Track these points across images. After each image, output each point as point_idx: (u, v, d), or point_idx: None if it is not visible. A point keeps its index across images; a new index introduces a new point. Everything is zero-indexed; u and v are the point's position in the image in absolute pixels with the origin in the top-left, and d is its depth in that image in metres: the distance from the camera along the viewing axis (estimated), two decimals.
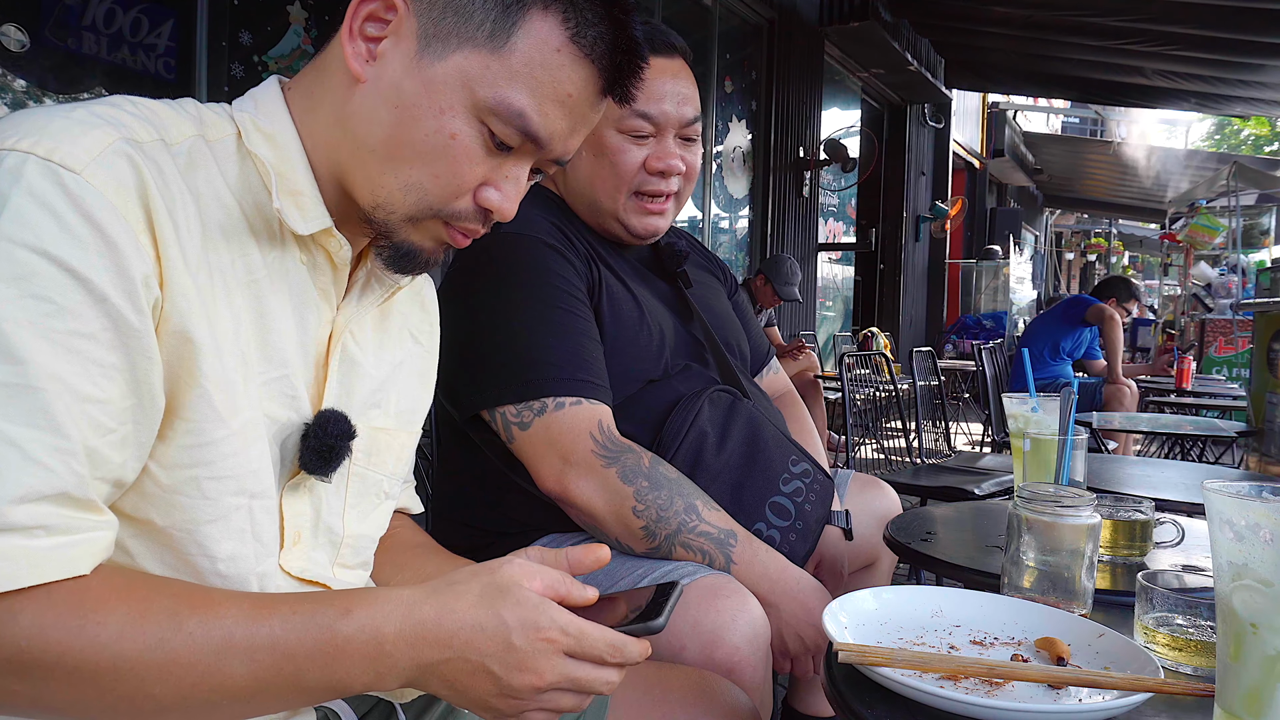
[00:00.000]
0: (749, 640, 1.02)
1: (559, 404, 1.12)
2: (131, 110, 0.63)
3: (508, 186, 0.71)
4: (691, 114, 1.29)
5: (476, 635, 0.59)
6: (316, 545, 0.74)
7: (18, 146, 0.55)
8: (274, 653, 0.57)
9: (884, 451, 3.34)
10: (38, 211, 0.54)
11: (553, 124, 0.69)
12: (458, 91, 0.67)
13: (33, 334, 0.52)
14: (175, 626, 0.55)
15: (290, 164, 0.69)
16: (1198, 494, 1.66)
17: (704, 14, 5.62)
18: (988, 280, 11.42)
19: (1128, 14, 5.93)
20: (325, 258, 0.72)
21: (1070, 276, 22.16)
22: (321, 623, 0.58)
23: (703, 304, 1.39)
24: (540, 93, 0.68)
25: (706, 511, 1.12)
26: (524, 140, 0.69)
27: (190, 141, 0.65)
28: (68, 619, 0.53)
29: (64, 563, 0.53)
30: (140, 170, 0.58)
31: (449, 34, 0.66)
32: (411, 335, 0.87)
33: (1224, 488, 0.56)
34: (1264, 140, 22.66)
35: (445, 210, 0.70)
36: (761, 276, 4.86)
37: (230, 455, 0.64)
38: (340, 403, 0.75)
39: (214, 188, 0.66)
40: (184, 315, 0.60)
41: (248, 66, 3.07)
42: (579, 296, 1.20)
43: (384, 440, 0.81)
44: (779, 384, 1.64)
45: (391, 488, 0.83)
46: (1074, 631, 0.82)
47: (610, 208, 1.29)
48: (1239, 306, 7.85)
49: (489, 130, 0.68)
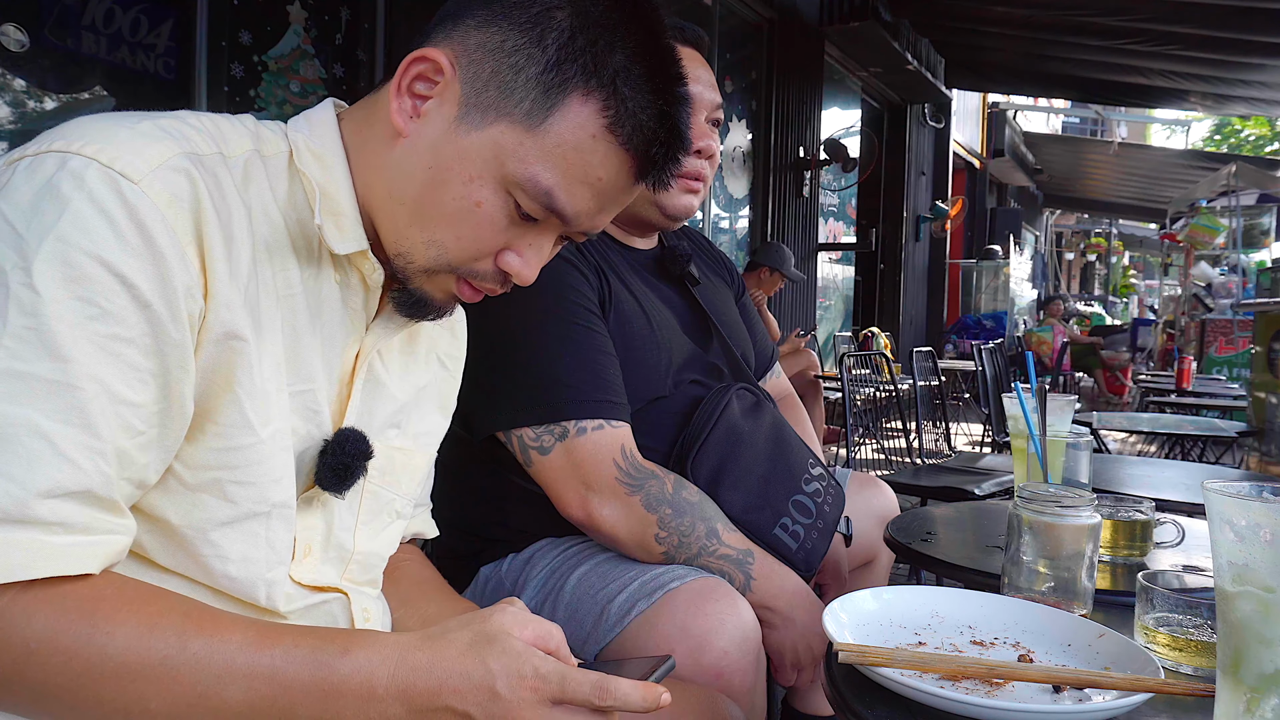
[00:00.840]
0: (738, 644, 1.02)
1: (580, 428, 1.10)
2: (195, 124, 0.65)
3: (529, 254, 0.73)
4: (717, 98, 1.30)
5: (463, 683, 0.59)
6: (326, 560, 0.76)
7: (83, 151, 0.57)
8: (272, 683, 0.57)
9: (884, 451, 3.34)
10: (96, 217, 0.56)
11: (579, 204, 0.71)
12: (489, 162, 0.68)
13: (78, 335, 0.54)
14: (181, 646, 0.56)
15: (336, 185, 0.71)
16: (1198, 494, 1.66)
17: (704, 14, 5.61)
18: (988, 280, 11.43)
19: (1128, 14, 5.93)
20: (359, 279, 0.74)
21: (1070, 276, 22.16)
22: (321, 659, 0.59)
23: (710, 309, 1.38)
24: (570, 174, 0.69)
25: (726, 534, 1.13)
26: (549, 215, 0.71)
27: (247, 156, 0.68)
28: (79, 625, 0.54)
29: (75, 560, 0.55)
30: (196, 184, 0.60)
31: (489, 106, 0.68)
32: (440, 360, 0.88)
33: (1224, 488, 0.56)
34: (1264, 140, 22.66)
35: (464, 269, 0.72)
36: (765, 269, 4.82)
37: (256, 463, 0.65)
38: (361, 422, 0.76)
39: (263, 202, 0.68)
40: (227, 324, 0.62)
41: (248, 66, 3.07)
42: (595, 311, 1.18)
43: (400, 460, 0.82)
44: (780, 388, 1.63)
45: (404, 508, 0.84)
46: (1074, 631, 0.82)
47: (645, 191, 1.27)
48: (1239, 306, 7.86)
49: (515, 202, 0.69)
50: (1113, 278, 21.67)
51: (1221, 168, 9.70)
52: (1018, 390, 1.15)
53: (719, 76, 5.74)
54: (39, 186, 0.56)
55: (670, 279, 1.37)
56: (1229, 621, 0.58)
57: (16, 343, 0.53)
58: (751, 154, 6.22)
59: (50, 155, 0.58)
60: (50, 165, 0.57)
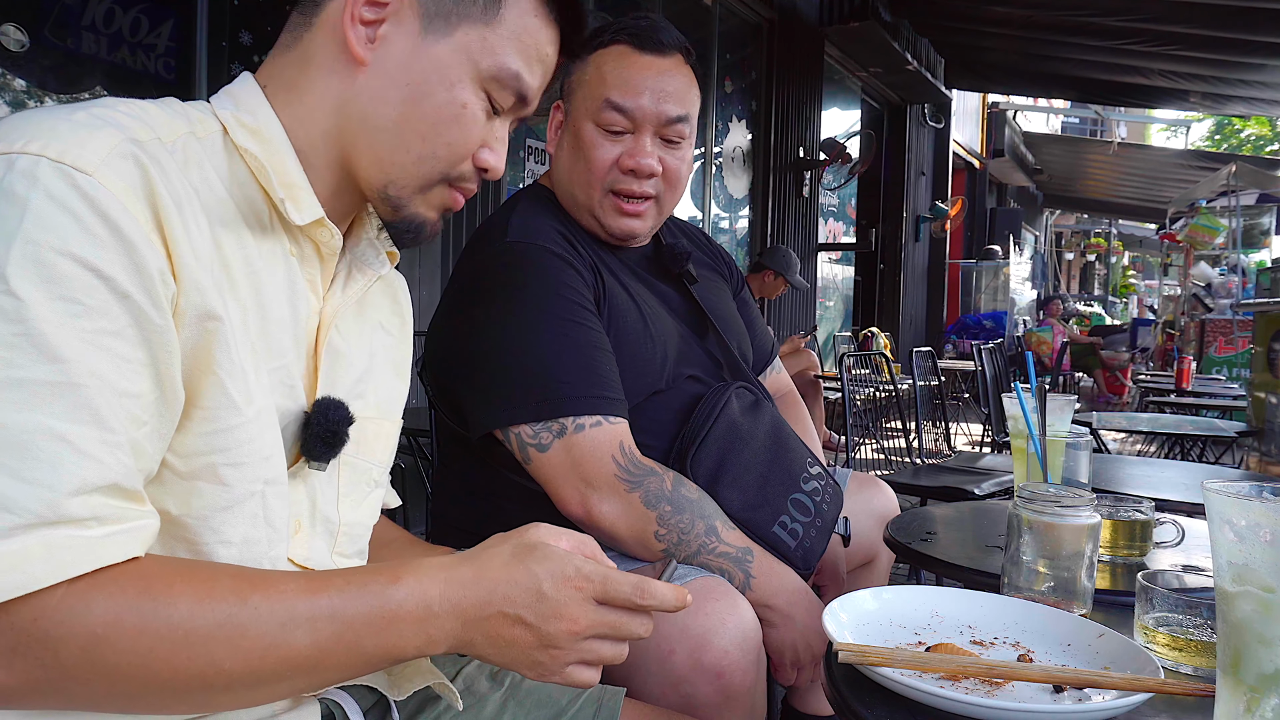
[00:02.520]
0: (738, 644, 1.02)
1: (579, 425, 1.10)
2: (125, 111, 0.64)
3: (499, 147, 0.78)
4: (674, 112, 1.21)
5: (511, 589, 0.63)
6: (315, 534, 0.76)
7: (27, 149, 0.56)
8: (334, 622, 0.60)
9: (884, 451, 3.34)
10: (58, 214, 0.55)
11: (535, 81, 0.77)
12: (464, 64, 0.73)
13: (68, 334, 0.54)
14: (241, 602, 0.58)
15: (279, 157, 0.71)
16: (1198, 494, 1.66)
17: (704, 14, 5.61)
18: (988, 280, 11.43)
19: (1128, 14, 5.93)
20: (314, 249, 0.75)
21: (1070, 276, 22.16)
22: (375, 590, 0.61)
23: (708, 306, 1.37)
24: (527, 55, 0.76)
25: (725, 532, 1.12)
26: (515, 101, 0.76)
27: (183, 139, 0.67)
28: (140, 601, 0.55)
29: (119, 547, 0.55)
30: (146, 169, 0.59)
31: (449, 13, 0.72)
32: (382, 326, 0.88)
33: (1224, 488, 0.56)
34: (1264, 140, 22.66)
35: (452, 174, 0.76)
36: (770, 272, 4.82)
37: (246, 442, 0.65)
38: (329, 392, 0.76)
39: (209, 183, 0.68)
40: (199, 306, 0.61)
41: (248, 66, 3.05)
42: (589, 307, 1.17)
43: (370, 429, 0.83)
44: (780, 383, 1.63)
45: (380, 476, 0.85)
46: (1074, 631, 0.82)
47: (586, 203, 1.25)
48: (1239, 306, 7.85)
49: (488, 95, 0.75)
50: (1112, 278, 21.68)
51: (1221, 168, 9.69)
52: (1017, 390, 1.15)
53: (719, 76, 5.74)
54: None
55: (667, 277, 1.36)
56: (1229, 621, 0.58)
57: (9, 351, 0.52)
58: (751, 154, 6.22)
59: None
60: None
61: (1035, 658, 0.79)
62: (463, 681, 0.89)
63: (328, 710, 0.75)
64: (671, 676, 1.01)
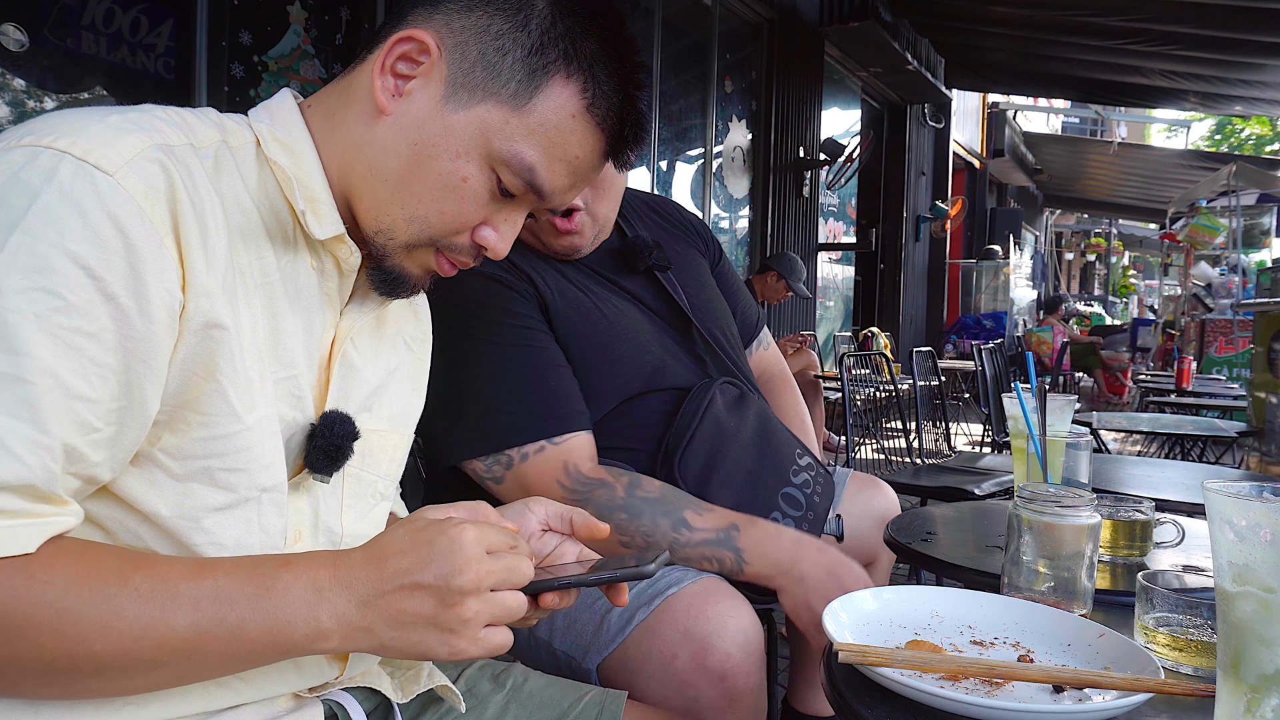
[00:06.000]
0: (741, 646, 1.01)
1: (523, 454, 1.11)
2: (163, 116, 0.65)
3: (504, 229, 0.77)
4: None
5: (403, 560, 0.62)
6: (317, 544, 0.76)
7: (54, 145, 0.57)
8: (217, 601, 0.58)
9: (884, 451, 3.34)
10: (65, 210, 0.55)
11: (557, 180, 0.75)
12: (475, 139, 0.71)
13: (36, 327, 0.54)
14: (122, 582, 0.56)
15: (308, 173, 0.72)
16: (1198, 494, 1.66)
17: (704, 14, 5.61)
18: (988, 280, 11.43)
19: (1128, 14, 5.94)
20: (334, 264, 0.76)
21: (1070, 276, 22.16)
22: (262, 571, 0.60)
23: (685, 295, 1.33)
24: (550, 152, 0.73)
25: (697, 519, 1.11)
26: (527, 191, 0.74)
27: (216, 146, 0.68)
28: (15, 581, 0.54)
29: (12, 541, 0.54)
30: (171, 175, 0.60)
31: (476, 86, 0.71)
32: (405, 343, 0.89)
33: (1224, 488, 0.56)
34: (1264, 140, 22.66)
35: (444, 243, 0.75)
36: (774, 273, 4.80)
37: (244, 449, 0.65)
38: (339, 405, 0.77)
39: (235, 191, 0.68)
40: (207, 313, 0.62)
41: (248, 66, 3.07)
42: (533, 326, 1.16)
43: (377, 442, 0.83)
44: (771, 360, 1.58)
45: (387, 489, 0.85)
46: (1074, 631, 0.82)
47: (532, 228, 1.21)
48: (1239, 306, 7.85)
49: (497, 178, 0.73)
50: (1113, 278, 21.67)
51: (1221, 168, 9.69)
52: (1018, 390, 1.15)
53: (719, 76, 5.74)
54: (5, 180, 0.56)
55: (637, 270, 1.33)
56: (1229, 621, 0.58)
57: None
58: (751, 154, 6.22)
59: (19, 150, 0.57)
60: (19, 159, 0.57)
61: (1035, 658, 0.79)
62: (465, 683, 0.89)
63: (330, 712, 0.75)
64: (675, 680, 1.01)
